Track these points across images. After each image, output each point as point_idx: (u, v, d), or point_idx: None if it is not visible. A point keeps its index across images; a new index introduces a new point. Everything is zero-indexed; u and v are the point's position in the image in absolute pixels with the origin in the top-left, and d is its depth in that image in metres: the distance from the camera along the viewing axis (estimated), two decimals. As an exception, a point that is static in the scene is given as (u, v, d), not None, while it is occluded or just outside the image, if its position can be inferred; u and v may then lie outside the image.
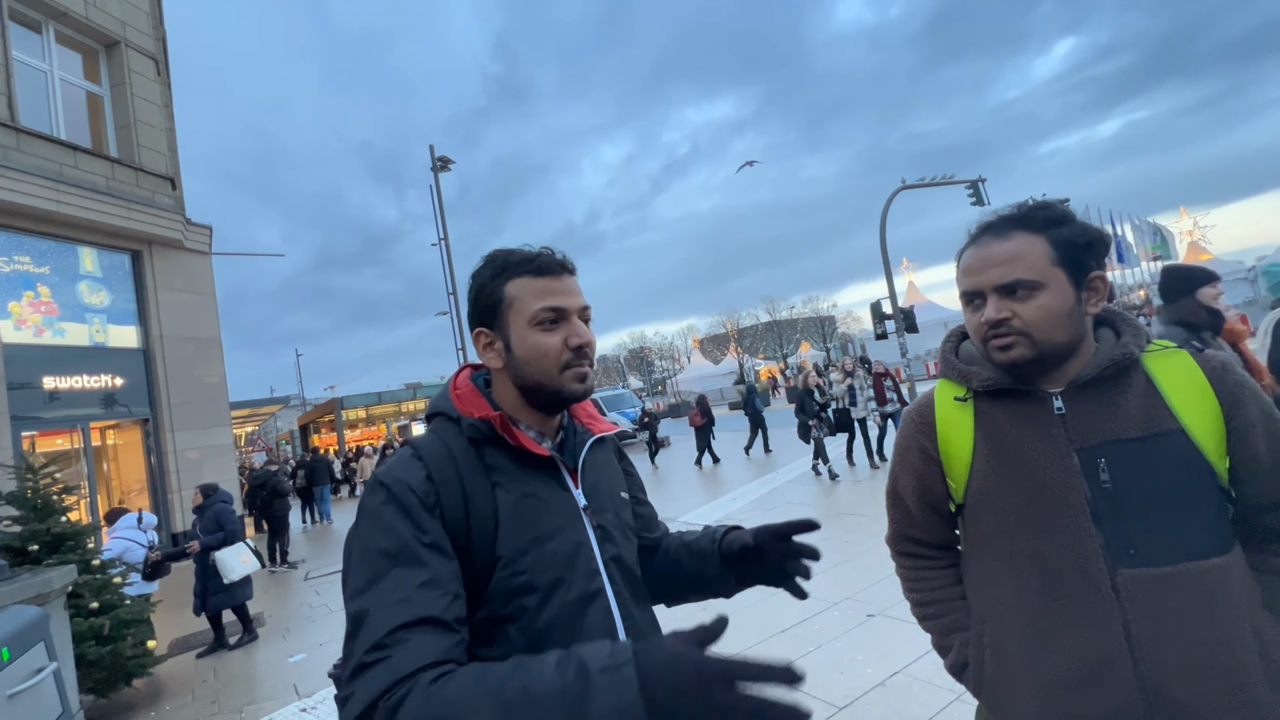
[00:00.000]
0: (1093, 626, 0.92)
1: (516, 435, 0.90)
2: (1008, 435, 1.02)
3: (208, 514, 5.62)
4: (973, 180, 18.30)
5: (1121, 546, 0.92)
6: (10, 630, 1.87)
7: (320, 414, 32.65)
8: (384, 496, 0.82)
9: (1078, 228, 0.97)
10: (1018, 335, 0.96)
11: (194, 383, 11.11)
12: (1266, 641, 0.89)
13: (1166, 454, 0.92)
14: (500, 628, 0.83)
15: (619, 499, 1.04)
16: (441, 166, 17.89)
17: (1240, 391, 0.94)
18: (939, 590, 1.17)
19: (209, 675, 4.82)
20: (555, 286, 0.94)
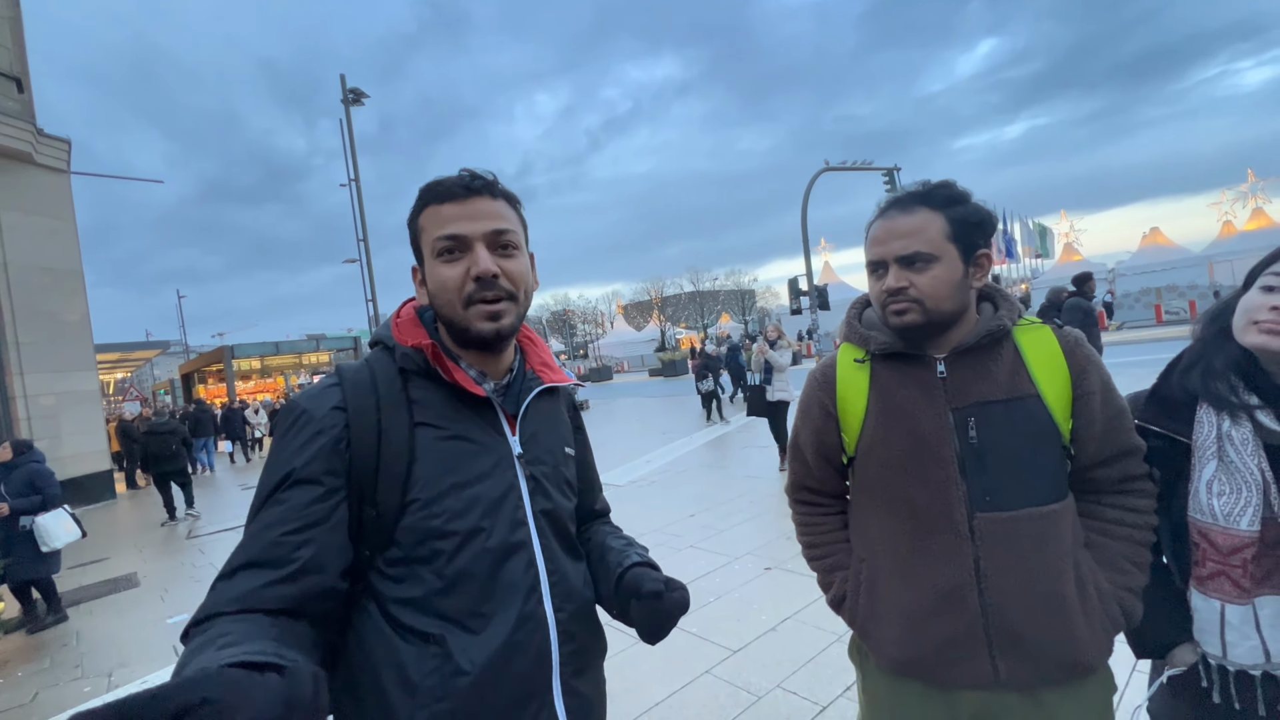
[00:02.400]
0: (949, 562, 1.05)
1: (450, 369, 0.86)
2: (896, 394, 1.12)
3: (17, 474, 4.84)
4: (889, 168, 19.31)
5: (980, 494, 1.04)
6: None
7: (206, 362, 29.84)
8: (289, 422, 0.80)
9: (971, 208, 1.06)
10: (912, 302, 1.05)
11: (49, 320, 9.79)
12: (1083, 576, 1.05)
13: (1024, 415, 1.05)
14: (413, 568, 0.81)
15: (560, 453, 1.01)
16: (354, 100, 16.43)
17: (1086, 364, 1.08)
18: (827, 534, 1.28)
19: (70, 639, 4.40)
20: (455, 212, 0.86)
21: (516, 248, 0.91)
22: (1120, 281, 26.43)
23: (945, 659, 1.07)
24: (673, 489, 6.65)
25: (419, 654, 0.79)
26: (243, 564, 0.73)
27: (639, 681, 2.83)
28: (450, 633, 0.80)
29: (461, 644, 0.80)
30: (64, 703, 3.40)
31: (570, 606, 0.92)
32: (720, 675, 2.84)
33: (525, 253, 0.94)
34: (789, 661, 2.86)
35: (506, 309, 0.88)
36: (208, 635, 0.64)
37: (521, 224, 0.94)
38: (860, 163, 19.24)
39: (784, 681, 2.72)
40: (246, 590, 0.70)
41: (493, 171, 0.92)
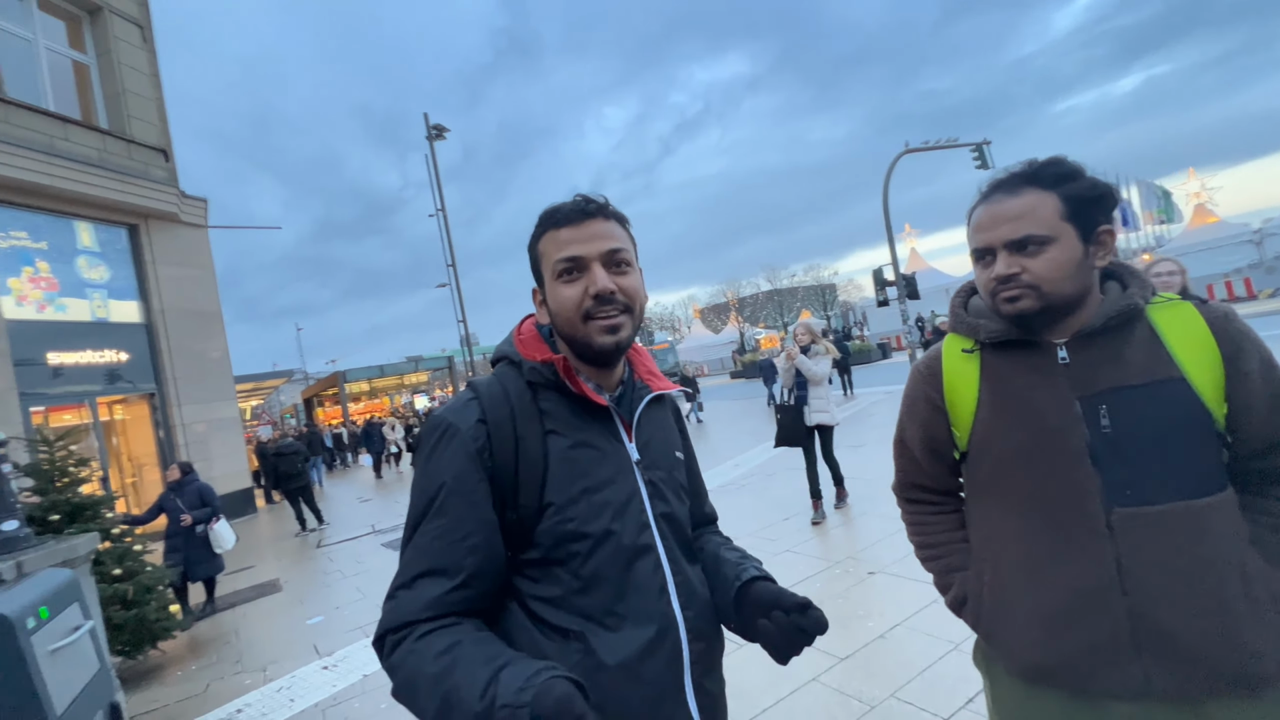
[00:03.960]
0: (1087, 561, 0.97)
1: (578, 381, 0.92)
2: (1012, 384, 1.06)
3: (188, 490, 5.77)
4: (978, 143, 18.01)
5: (1118, 487, 0.96)
6: (46, 590, 1.95)
7: (323, 387, 32.79)
8: (436, 437, 0.87)
9: (1087, 183, 0.99)
10: (1025, 288, 0.99)
11: (197, 357, 11.16)
12: (1250, 576, 0.94)
13: (1166, 400, 0.95)
14: (551, 569, 0.87)
15: (673, 458, 1.04)
16: (437, 135, 17.56)
17: (1241, 340, 0.97)
18: (942, 534, 1.22)
19: (231, 637, 4.98)
20: (572, 235, 0.91)
21: (629, 265, 0.95)
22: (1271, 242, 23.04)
23: (1086, 664, 0.99)
24: (764, 492, 6.52)
25: (561, 649, 0.84)
26: (421, 573, 0.82)
27: (743, 688, 2.80)
28: (590, 630, 0.85)
29: (601, 641, 0.84)
30: (230, 693, 3.85)
31: (696, 606, 0.94)
32: (829, 683, 2.75)
33: (637, 269, 0.98)
34: (902, 670, 2.73)
35: (623, 323, 0.92)
36: (441, 642, 0.78)
37: (632, 242, 0.98)
38: (944, 141, 18.07)
39: (899, 691, 2.60)
40: (432, 598, 0.80)
41: (604, 195, 0.96)
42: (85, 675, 2.08)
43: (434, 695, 0.75)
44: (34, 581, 2.06)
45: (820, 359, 5.29)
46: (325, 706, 3.45)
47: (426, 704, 0.76)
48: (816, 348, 5.34)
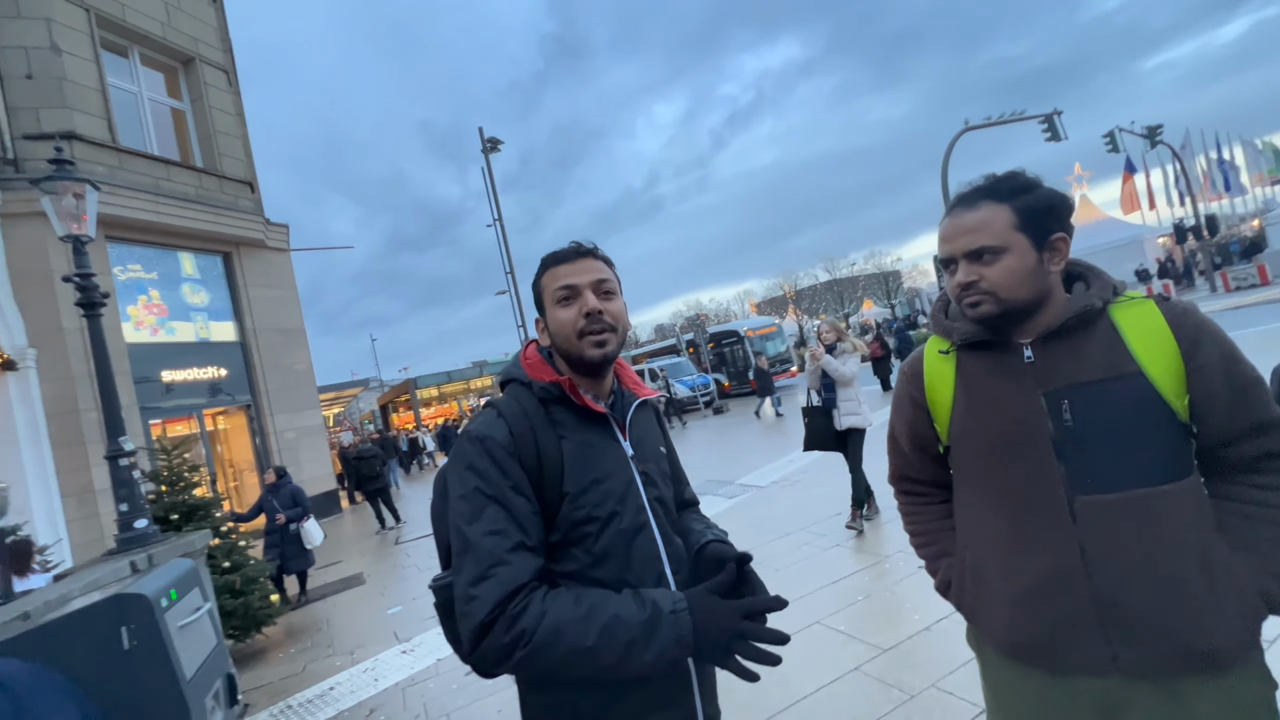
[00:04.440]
0: (1052, 546, 1.05)
1: (581, 396, 1.10)
2: (983, 383, 1.14)
3: (283, 492, 6.48)
4: (1047, 114, 16.95)
5: (1080, 476, 1.03)
6: (174, 577, 2.33)
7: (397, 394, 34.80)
8: (479, 450, 1.04)
9: (1040, 194, 1.06)
10: (984, 294, 1.08)
11: (285, 370, 12.18)
12: (1211, 558, 0.99)
13: (1124, 394, 1.02)
14: (568, 549, 1.05)
15: (659, 451, 1.23)
16: (491, 148, 18.28)
17: (1198, 334, 1.02)
18: (930, 522, 1.31)
19: (322, 625, 5.51)
20: (569, 270, 1.11)
21: (614, 293, 1.15)
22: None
23: (1057, 643, 1.06)
24: (816, 488, 6.50)
25: None
26: (511, 548, 0.97)
27: (785, 676, 2.90)
28: None
29: None
30: (324, 673, 4.30)
31: (684, 572, 1.13)
32: (870, 673, 2.81)
33: (621, 298, 1.18)
34: (945, 662, 2.75)
35: (609, 338, 1.11)
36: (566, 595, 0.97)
37: (617, 278, 1.19)
38: (1010, 115, 17.12)
39: (939, 681, 2.63)
40: (531, 567, 0.97)
41: (593, 241, 1.17)
42: (206, 649, 2.45)
43: (592, 628, 0.91)
44: (164, 569, 2.45)
45: (847, 358, 4.98)
46: (404, 686, 3.81)
47: (583, 639, 0.91)
48: (843, 346, 5.05)
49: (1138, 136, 21.65)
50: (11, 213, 8.23)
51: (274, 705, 3.93)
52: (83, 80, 9.29)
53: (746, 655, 0.96)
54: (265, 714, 3.84)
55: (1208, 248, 22.75)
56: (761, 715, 2.62)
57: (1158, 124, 21.53)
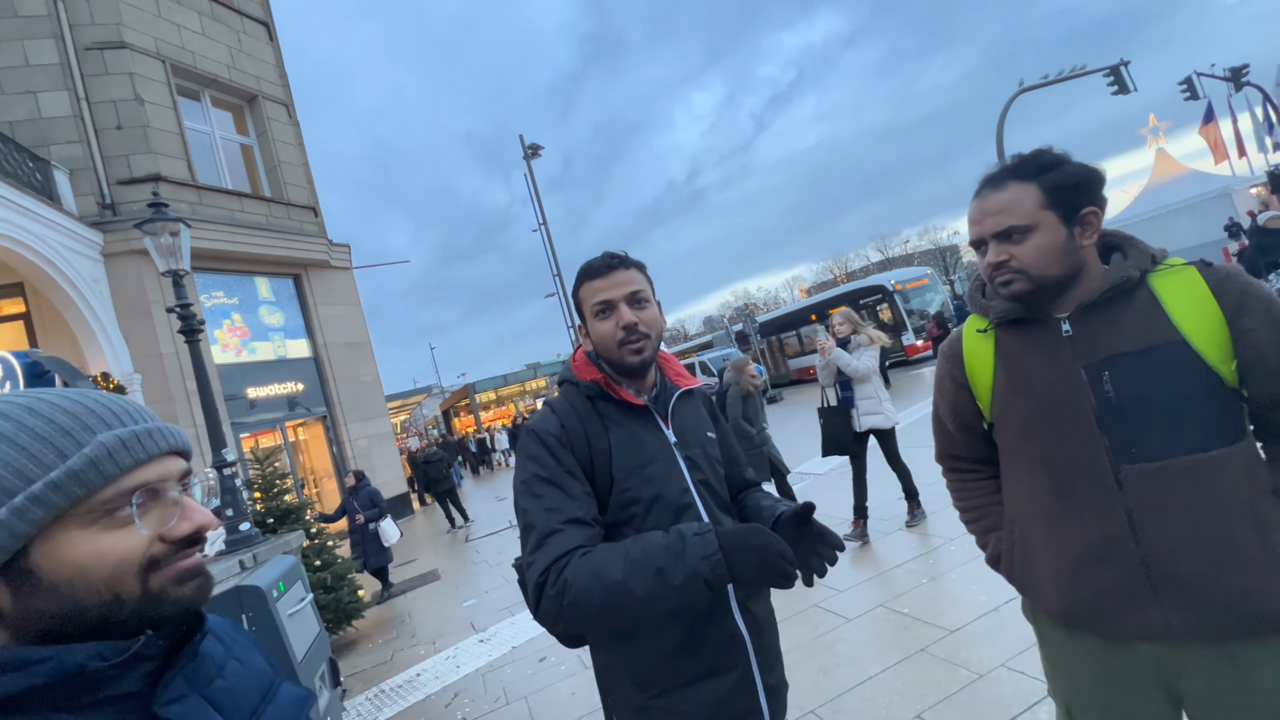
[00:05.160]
0: (1099, 515, 1.07)
1: (618, 390, 1.22)
2: (1022, 358, 1.17)
3: (362, 494, 6.97)
4: (1113, 66, 15.84)
5: (1124, 446, 1.05)
6: (282, 570, 2.61)
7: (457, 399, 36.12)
8: (536, 441, 1.19)
9: (1067, 171, 1.08)
10: (1015, 273, 1.11)
11: (354, 382, 12.92)
12: (1265, 522, 0.99)
13: (1166, 363, 1.03)
14: (619, 530, 1.16)
15: (705, 437, 1.31)
16: (532, 154, 18.68)
17: (1243, 299, 1.02)
18: (979, 497, 1.34)
19: (405, 618, 5.88)
20: (603, 285, 1.21)
21: (647, 300, 1.26)
22: None
23: (1109, 609, 1.09)
24: (877, 474, 6.40)
25: None
26: (565, 521, 1.09)
27: (852, 657, 2.93)
28: None
29: None
30: (410, 661, 4.62)
31: None
32: (936, 654, 2.81)
33: (654, 302, 1.28)
34: (1013, 641, 2.72)
35: (645, 345, 1.22)
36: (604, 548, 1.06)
37: (649, 283, 1.28)
38: (1070, 71, 16.09)
39: (1008, 661, 2.60)
40: (582, 536, 1.09)
41: (624, 250, 1.28)
42: (311, 635, 2.73)
43: (620, 563, 1.00)
44: (272, 565, 2.74)
45: (863, 351, 4.57)
46: (484, 672, 4.05)
47: (615, 575, 0.99)
48: (858, 339, 4.64)
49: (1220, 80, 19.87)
50: (113, 252, 9.11)
51: (368, 690, 4.26)
52: (164, 126, 10.15)
53: (784, 572, 0.99)
54: (362, 698, 4.17)
55: (1310, 195, 20.64)
56: (828, 694, 2.67)
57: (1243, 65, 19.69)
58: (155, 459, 0.59)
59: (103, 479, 0.54)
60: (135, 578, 0.55)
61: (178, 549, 0.58)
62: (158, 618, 0.57)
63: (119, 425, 0.58)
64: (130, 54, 9.88)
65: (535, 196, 18.72)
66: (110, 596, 0.54)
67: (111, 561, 0.54)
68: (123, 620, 0.55)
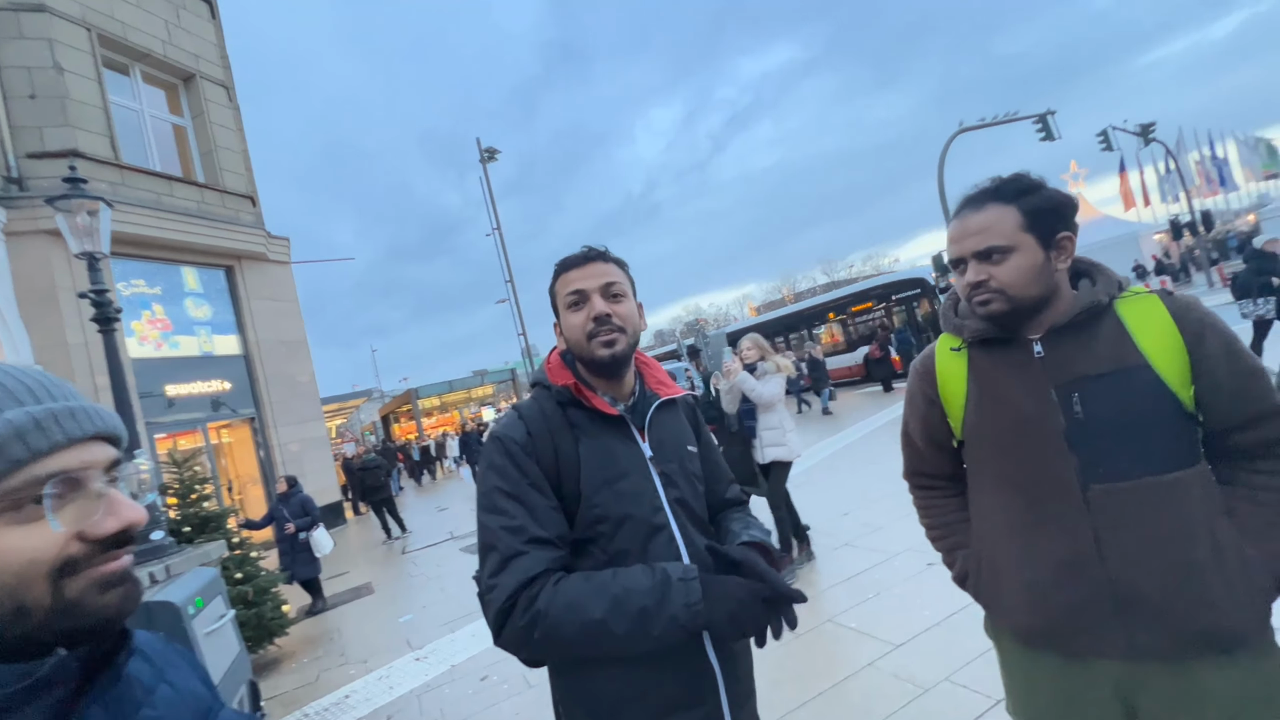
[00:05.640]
0: (1067, 534, 1.10)
1: (589, 398, 1.14)
2: (994, 378, 1.19)
3: (294, 501, 6.59)
4: (1041, 115, 17.07)
5: (1092, 466, 1.08)
6: (200, 584, 2.37)
7: (398, 405, 34.78)
8: (499, 449, 1.10)
9: (1045, 195, 1.12)
10: (993, 293, 1.13)
11: (288, 382, 12.21)
12: (1221, 543, 1.03)
13: (1132, 386, 1.07)
14: (585, 547, 1.09)
15: (685, 451, 1.23)
16: (489, 157, 18.41)
17: (1201, 327, 1.07)
18: (946, 515, 1.36)
19: (334, 634, 5.53)
20: (579, 275, 1.15)
21: (624, 295, 1.18)
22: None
23: (1073, 628, 1.11)
24: (824, 489, 6.54)
25: None
26: (529, 540, 1.01)
27: (799, 672, 2.93)
28: None
29: None
30: (339, 681, 4.32)
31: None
32: (883, 668, 2.85)
33: (632, 300, 1.20)
34: (958, 655, 2.79)
35: (618, 339, 1.14)
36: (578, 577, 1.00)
37: (629, 280, 1.21)
38: (1004, 116, 17.25)
39: (953, 675, 2.66)
40: (549, 556, 1.01)
41: (605, 245, 1.21)
42: (230, 656, 2.49)
43: (602, 600, 0.95)
44: (188, 578, 2.50)
45: (769, 379, 4.38)
46: (420, 692, 3.83)
47: (594, 612, 0.94)
48: (765, 365, 4.45)
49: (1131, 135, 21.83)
50: (16, 230, 8.29)
51: (292, 714, 3.95)
52: (85, 99, 9.38)
53: (760, 627, 0.99)
54: (282, 723, 3.87)
55: (1204, 243, 22.87)
56: (778, 711, 2.65)
57: (1150, 122, 21.72)
58: (77, 443, 0.49)
59: (9, 464, 0.45)
60: (46, 583, 0.45)
61: (101, 550, 0.49)
62: (73, 632, 0.48)
63: (33, 401, 0.48)
64: (50, 18, 9.12)
65: (490, 200, 18.42)
66: (13, 606, 0.44)
67: (16, 563, 0.44)
68: (28, 636, 0.45)
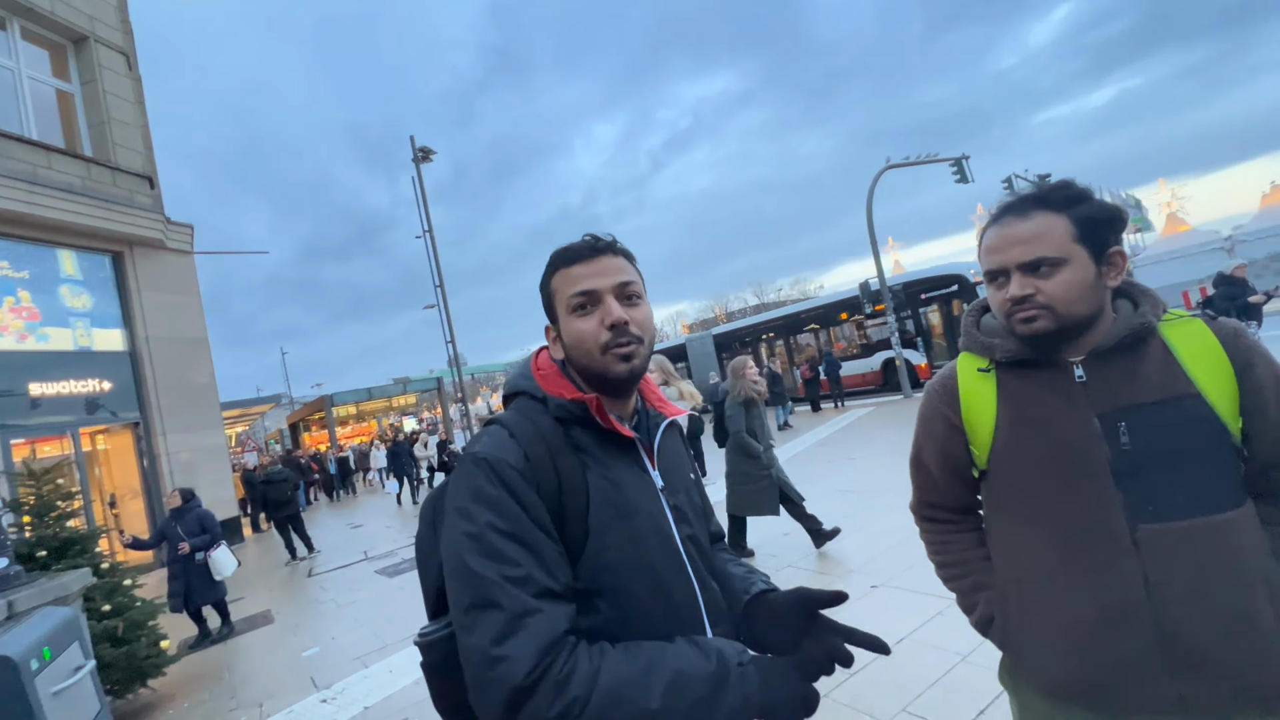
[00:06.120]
0: (1114, 577, 0.99)
1: (609, 419, 0.93)
2: (1030, 403, 1.08)
3: (189, 517, 5.81)
4: (956, 158, 18.43)
5: (1141, 503, 0.98)
6: (48, 630, 1.90)
7: (309, 412, 32.35)
8: (489, 475, 0.85)
9: (1097, 205, 1.03)
10: (1040, 309, 1.02)
11: (183, 384, 10.98)
12: (1275, 590, 0.96)
13: (1183, 416, 0.98)
14: (590, 600, 0.86)
15: (690, 480, 1.07)
16: (423, 157, 17.64)
17: (1251, 355, 1.00)
18: (962, 552, 1.24)
19: (223, 673, 4.85)
20: (585, 271, 0.95)
21: (640, 297, 0.98)
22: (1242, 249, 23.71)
23: (1116, 681, 1.00)
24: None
25: None
26: (543, 593, 0.79)
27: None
28: None
29: None
30: (226, 732, 3.74)
31: (724, 624, 0.96)
32: (839, 699, 2.74)
33: (647, 301, 1.00)
34: (913, 684, 2.73)
35: (637, 351, 0.95)
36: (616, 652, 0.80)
37: (640, 276, 1.01)
38: (925, 156, 18.48)
39: (910, 705, 2.60)
40: (566, 615, 0.80)
41: (611, 234, 1.00)
42: (87, 717, 2.02)
43: (655, 687, 0.76)
44: (36, 621, 2.01)
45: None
46: (326, 742, 3.37)
47: (647, 701, 0.75)
48: (669, 391, 4.34)
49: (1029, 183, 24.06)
50: None
51: (164, 775, 3.37)
52: (-55, 49, 8.12)
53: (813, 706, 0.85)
54: (152, 786, 3.28)
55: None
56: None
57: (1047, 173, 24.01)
58: None
59: None
60: None
61: None
62: None
63: None
64: (-95, -48, 7.85)
65: (422, 202, 17.61)
66: None
67: None
68: None
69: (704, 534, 1.04)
